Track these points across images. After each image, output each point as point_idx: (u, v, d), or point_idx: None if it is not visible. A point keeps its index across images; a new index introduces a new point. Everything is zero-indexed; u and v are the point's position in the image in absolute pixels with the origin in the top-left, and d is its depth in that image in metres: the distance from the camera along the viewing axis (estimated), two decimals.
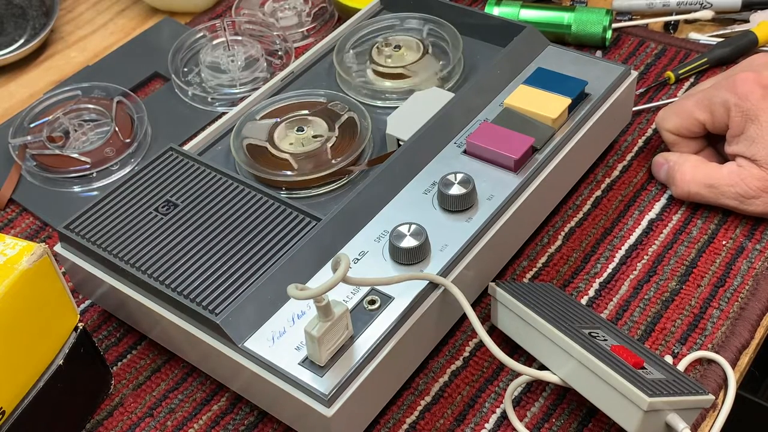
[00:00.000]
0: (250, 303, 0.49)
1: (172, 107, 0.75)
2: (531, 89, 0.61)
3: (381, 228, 0.54)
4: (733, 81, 0.58)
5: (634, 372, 0.46)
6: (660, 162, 0.63)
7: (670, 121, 0.62)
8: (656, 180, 0.64)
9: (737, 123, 0.57)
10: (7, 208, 0.68)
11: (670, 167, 0.61)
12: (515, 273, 0.59)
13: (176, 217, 0.55)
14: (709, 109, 0.59)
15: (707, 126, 0.60)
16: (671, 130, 0.62)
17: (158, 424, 0.53)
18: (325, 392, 0.46)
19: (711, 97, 0.59)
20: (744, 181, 0.58)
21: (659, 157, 0.63)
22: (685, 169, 0.60)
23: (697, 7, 0.77)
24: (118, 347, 0.58)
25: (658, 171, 0.63)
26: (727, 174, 0.58)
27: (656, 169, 0.63)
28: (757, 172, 0.57)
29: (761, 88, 0.57)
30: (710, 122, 0.59)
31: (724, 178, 0.58)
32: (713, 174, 0.59)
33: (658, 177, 0.63)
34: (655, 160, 0.63)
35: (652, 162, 0.64)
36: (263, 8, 0.82)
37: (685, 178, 0.60)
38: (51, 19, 0.83)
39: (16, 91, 0.80)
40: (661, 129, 0.63)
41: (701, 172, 0.59)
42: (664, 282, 0.57)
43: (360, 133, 0.61)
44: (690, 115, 0.60)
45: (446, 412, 0.52)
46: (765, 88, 0.57)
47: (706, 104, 0.59)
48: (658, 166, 0.63)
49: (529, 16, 0.76)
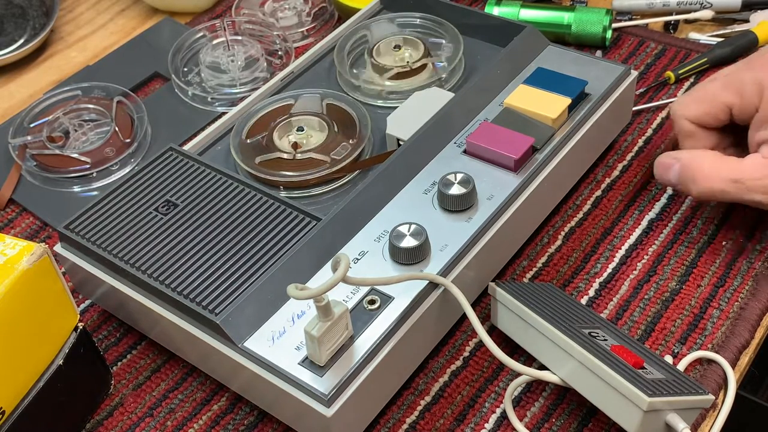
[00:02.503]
0: (250, 303, 0.49)
1: (172, 107, 0.75)
2: (531, 89, 0.61)
3: (381, 228, 0.54)
4: (762, 58, 0.53)
5: (634, 372, 0.46)
6: (668, 162, 0.56)
7: (690, 108, 0.56)
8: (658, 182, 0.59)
9: None
10: (7, 208, 0.68)
11: (684, 166, 0.55)
12: (515, 273, 0.59)
13: (176, 217, 0.55)
14: (738, 91, 0.54)
15: (735, 110, 0.54)
16: (692, 118, 0.56)
17: (158, 424, 0.53)
18: (325, 392, 0.46)
19: (741, 76, 0.54)
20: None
21: (665, 158, 0.57)
22: (704, 165, 0.54)
23: (697, 7, 0.77)
24: (118, 347, 0.58)
25: (666, 172, 0.56)
26: (752, 166, 0.52)
27: (663, 171, 0.57)
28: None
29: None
30: (739, 105, 0.54)
31: (749, 170, 0.52)
32: (737, 167, 0.53)
33: (666, 180, 0.56)
34: (661, 161, 0.57)
35: (655, 164, 0.57)
36: (263, 8, 0.82)
37: (706, 174, 0.53)
38: (51, 19, 0.83)
39: (16, 91, 0.80)
40: (678, 118, 0.57)
41: (724, 166, 0.53)
42: (664, 282, 0.57)
43: (360, 133, 0.61)
44: (715, 99, 0.55)
45: (446, 412, 0.52)
46: None
47: (737, 85, 0.54)
48: (666, 167, 0.56)
49: (529, 16, 0.76)
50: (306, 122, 0.63)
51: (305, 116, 0.63)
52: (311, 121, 0.63)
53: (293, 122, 0.63)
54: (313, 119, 0.63)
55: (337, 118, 0.63)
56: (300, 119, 0.63)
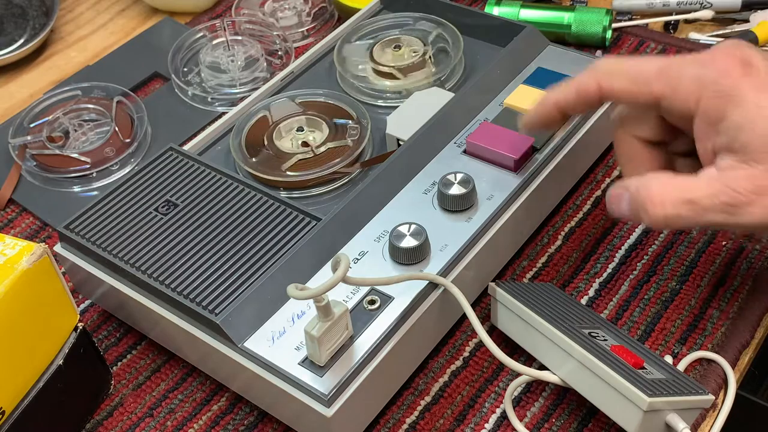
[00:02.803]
0: (250, 303, 0.49)
1: (172, 107, 0.75)
2: (531, 89, 0.61)
3: (381, 228, 0.54)
4: (710, 54, 0.45)
5: (634, 372, 0.46)
6: (618, 193, 0.48)
7: (617, 79, 0.48)
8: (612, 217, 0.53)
9: (714, 106, 0.44)
10: (7, 208, 0.68)
11: (633, 193, 0.46)
12: (515, 273, 0.59)
13: (176, 217, 0.55)
14: (672, 83, 0.46)
15: (663, 104, 0.47)
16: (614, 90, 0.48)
17: (158, 424, 0.53)
18: (325, 392, 0.46)
19: (681, 68, 0.46)
20: (729, 186, 0.43)
21: (615, 188, 0.48)
22: (652, 190, 0.45)
23: (697, 7, 0.77)
24: (118, 347, 0.58)
25: (619, 205, 0.48)
26: (707, 182, 0.44)
27: (615, 203, 0.48)
28: (745, 172, 0.43)
29: (742, 65, 0.44)
30: (667, 100, 0.46)
31: (704, 188, 0.44)
32: (688, 186, 0.45)
33: (620, 213, 0.48)
34: (611, 193, 0.48)
35: (607, 198, 0.49)
36: (263, 8, 0.82)
37: (655, 201, 0.45)
38: (51, 19, 0.83)
39: (16, 91, 0.80)
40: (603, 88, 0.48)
41: (673, 187, 0.45)
42: (664, 282, 0.57)
43: (360, 133, 0.61)
44: (645, 82, 0.47)
45: (446, 412, 0.52)
46: (746, 65, 0.44)
47: (672, 75, 0.46)
48: (618, 198, 0.48)
49: (529, 16, 0.76)
50: (306, 122, 0.63)
51: (305, 116, 0.63)
52: (311, 121, 0.63)
53: (293, 122, 0.63)
54: (313, 119, 0.63)
55: (337, 118, 0.63)
56: (300, 119, 0.63)
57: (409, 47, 0.68)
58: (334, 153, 0.60)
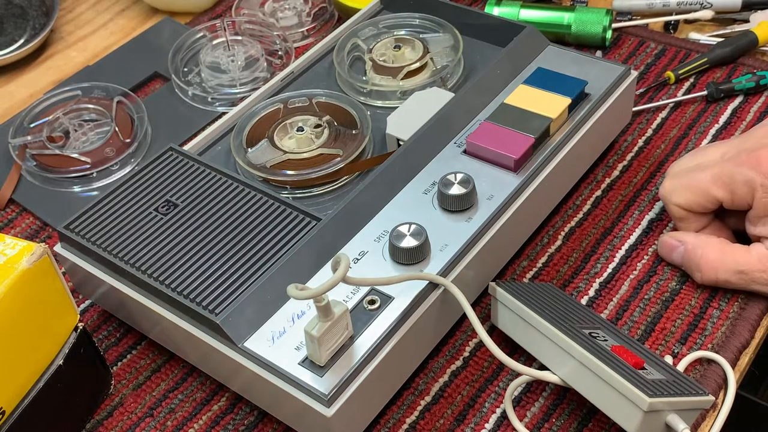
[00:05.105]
0: (250, 303, 0.49)
1: (172, 107, 0.75)
2: (531, 89, 0.61)
3: (381, 228, 0.54)
4: (756, 157, 0.52)
5: (635, 372, 0.46)
6: (673, 244, 0.57)
7: (680, 195, 0.56)
8: None
9: (764, 204, 0.52)
10: (7, 208, 0.68)
11: (689, 251, 0.56)
12: (515, 273, 0.59)
13: (176, 217, 0.55)
14: (729, 188, 0.53)
15: (725, 205, 0.55)
16: (682, 205, 0.56)
17: (158, 424, 0.53)
18: (325, 392, 0.46)
19: (732, 174, 0.53)
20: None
21: (670, 239, 0.57)
22: (709, 255, 0.55)
23: (697, 7, 0.77)
24: (118, 347, 0.58)
25: (670, 253, 0.57)
26: (758, 259, 0.53)
27: (667, 250, 0.57)
28: None
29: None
30: (729, 201, 0.54)
31: (755, 263, 0.53)
32: (742, 260, 0.54)
33: (670, 259, 0.57)
34: (665, 241, 0.57)
35: (660, 242, 0.58)
36: (263, 8, 0.82)
37: (711, 265, 0.55)
38: (51, 19, 0.83)
39: (16, 91, 0.80)
40: (668, 203, 0.57)
41: (729, 257, 0.54)
42: (664, 282, 0.57)
43: (360, 133, 0.61)
44: (706, 192, 0.55)
45: (446, 412, 0.52)
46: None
47: (726, 182, 0.53)
48: (671, 248, 0.57)
49: (529, 16, 0.76)
50: (306, 122, 0.63)
51: (305, 116, 0.63)
52: (311, 121, 0.63)
53: (293, 122, 0.63)
54: (313, 119, 0.63)
55: (337, 118, 0.63)
56: (300, 119, 0.63)
57: (408, 47, 0.68)
58: (333, 154, 0.60)
